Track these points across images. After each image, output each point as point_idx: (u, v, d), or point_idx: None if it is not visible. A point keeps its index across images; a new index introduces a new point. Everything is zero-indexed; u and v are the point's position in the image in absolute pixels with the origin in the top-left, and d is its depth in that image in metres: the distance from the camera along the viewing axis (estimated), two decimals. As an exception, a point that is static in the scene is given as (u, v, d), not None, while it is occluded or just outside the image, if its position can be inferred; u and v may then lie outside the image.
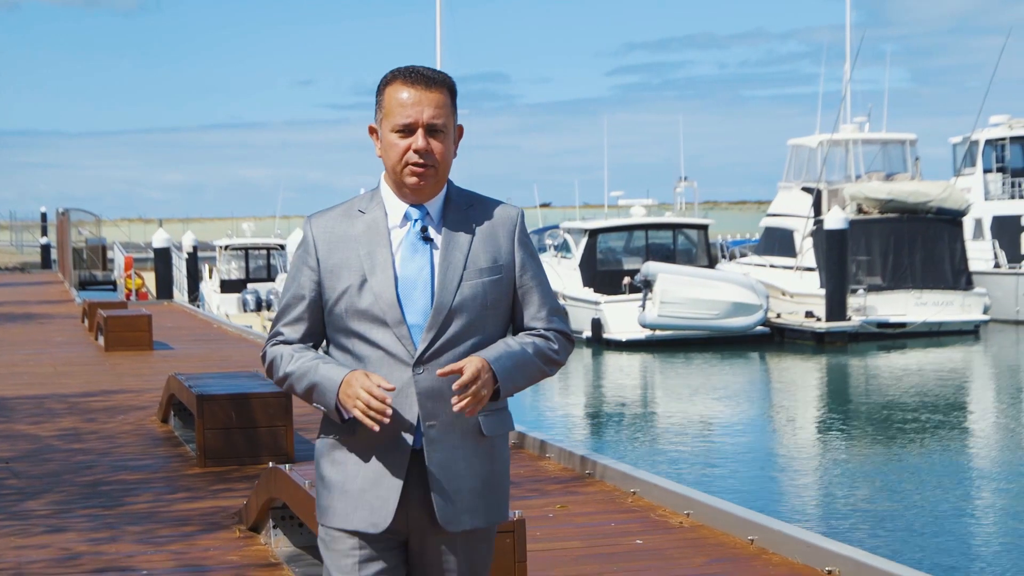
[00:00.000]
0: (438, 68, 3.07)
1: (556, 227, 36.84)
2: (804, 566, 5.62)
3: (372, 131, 3.10)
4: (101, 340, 17.19)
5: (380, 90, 3.05)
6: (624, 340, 28.72)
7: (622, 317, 29.04)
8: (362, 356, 3.00)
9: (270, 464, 6.15)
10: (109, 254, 43.25)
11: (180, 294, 34.77)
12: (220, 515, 7.02)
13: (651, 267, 28.87)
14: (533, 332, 3.10)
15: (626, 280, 30.41)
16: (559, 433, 17.47)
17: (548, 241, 36.38)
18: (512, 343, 3.05)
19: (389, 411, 2.89)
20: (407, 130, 2.98)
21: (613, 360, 27.67)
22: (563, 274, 32.29)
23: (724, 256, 39.20)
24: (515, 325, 3.13)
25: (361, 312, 3.00)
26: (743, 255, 37.49)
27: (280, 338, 3.11)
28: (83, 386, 12.96)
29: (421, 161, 2.97)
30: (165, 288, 31.94)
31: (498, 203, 3.12)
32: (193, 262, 35.98)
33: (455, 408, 2.90)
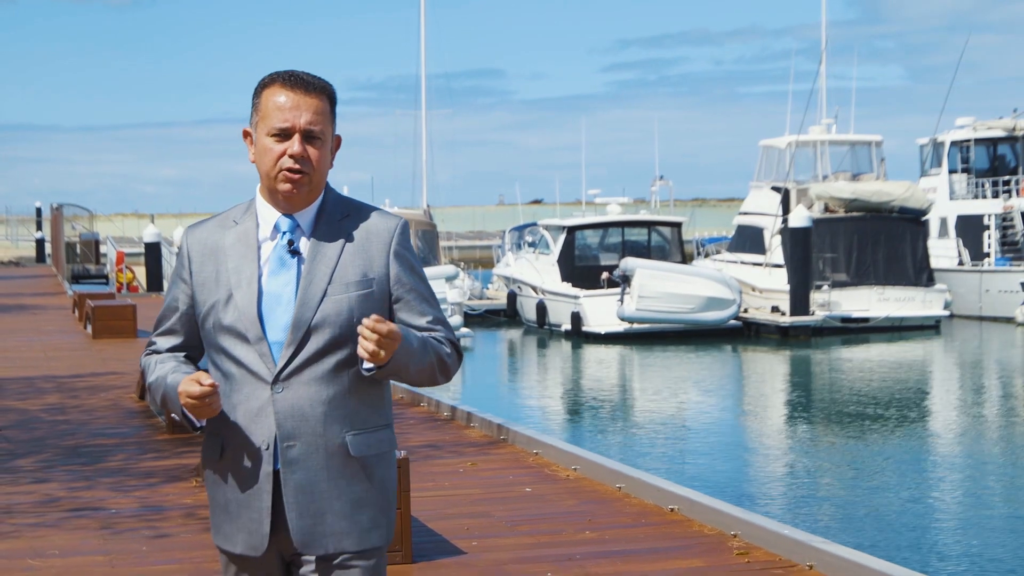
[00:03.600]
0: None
1: (535, 224, 37.99)
2: (654, 505, 6.81)
3: (246, 135, 2.96)
4: (89, 329, 18.35)
5: (257, 92, 2.91)
6: (603, 333, 29.90)
7: (601, 310, 30.20)
8: (227, 373, 2.91)
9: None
10: (102, 248, 44.20)
11: (171, 287, 35.76)
12: (181, 470, 8.20)
13: (629, 262, 30.00)
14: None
15: (604, 275, 31.55)
16: (540, 418, 18.64)
17: (528, 238, 37.52)
18: (423, 335, 2.92)
19: (211, 395, 2.79)
20: (283, 135, 2.85)
21: (592, 352, 28.84)
22: (541, 270, 33.47)
23: (700, 253, 40.39)
24: None
25: (226, 328, 2.89)
26: (717, 252, 38.64)
27: (153, 347, 3.06)
28: (70, 368, 14.12)
29: (296, 167, 2.85)
30: (155, 281, 32.99)
31: (380, 213, 2.99)
32: (183, 256, 36.89)
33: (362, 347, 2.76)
